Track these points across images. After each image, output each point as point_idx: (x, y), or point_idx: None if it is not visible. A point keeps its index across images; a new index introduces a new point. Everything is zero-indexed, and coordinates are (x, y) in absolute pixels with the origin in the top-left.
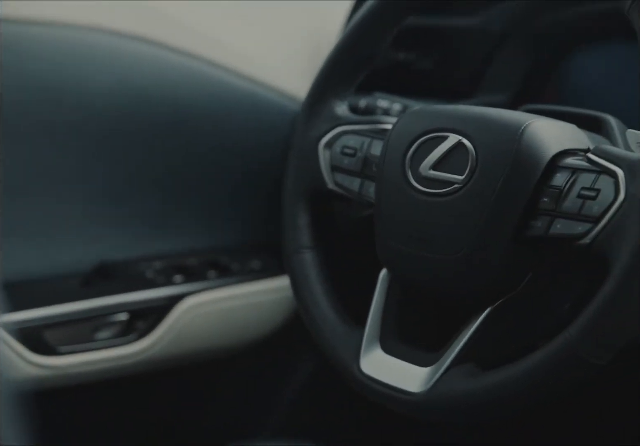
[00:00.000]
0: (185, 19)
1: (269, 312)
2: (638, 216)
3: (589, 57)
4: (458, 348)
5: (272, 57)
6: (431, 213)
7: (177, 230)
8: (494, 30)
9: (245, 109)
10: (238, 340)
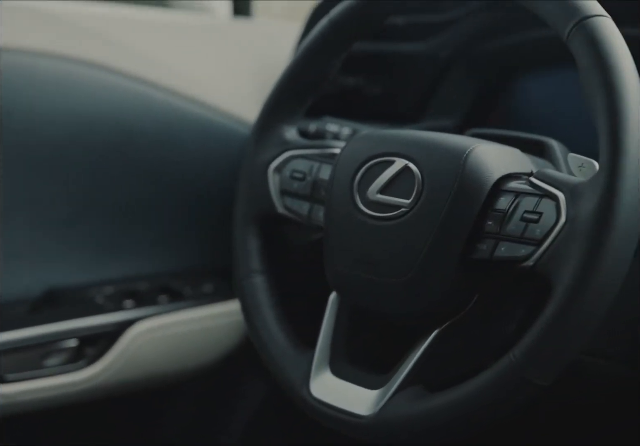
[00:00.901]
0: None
1: (221, 337)
2: (578, 239)
3: (534, 82)
4: (406, 371)
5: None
6: (378, 237)
7: (128, 255)
8: (440, 55)
9: (195, 134)
10: (190, 365)
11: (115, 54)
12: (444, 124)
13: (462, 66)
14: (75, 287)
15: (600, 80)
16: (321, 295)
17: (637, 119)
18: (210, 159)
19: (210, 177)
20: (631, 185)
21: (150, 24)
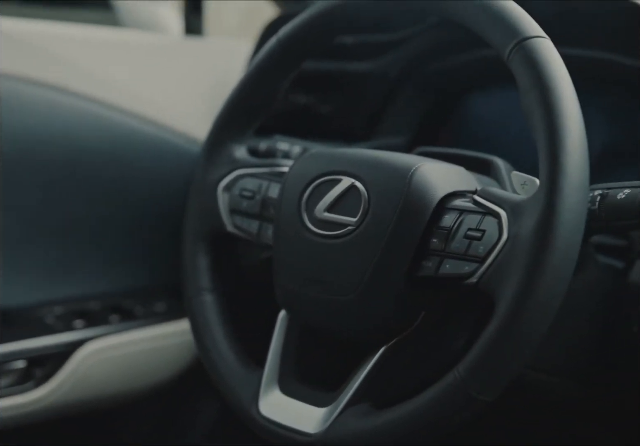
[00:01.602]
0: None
1: (174, 356)
2: (519, 256)
3: (482, 101)
4: (354, 388)
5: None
6: (326, 255)
7: (79, 274)
8: (389, 74)
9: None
10: (142, 385)
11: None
12: (394, 142)
13: (411, 85)
14: (25, 307)
15: (539, 100)
16: (271, 313)
17: (576, 138)
18: (162, 178)
19: (161, 195)
20: (570, 203)
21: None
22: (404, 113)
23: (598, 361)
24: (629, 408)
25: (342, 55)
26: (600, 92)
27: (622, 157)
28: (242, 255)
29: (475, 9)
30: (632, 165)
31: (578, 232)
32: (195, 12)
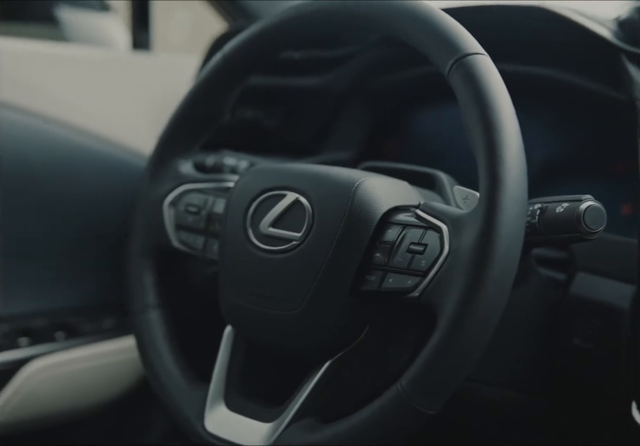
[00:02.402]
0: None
1: (121, 373)
2: (460, 270)
3: (428, 115)
4: (299, 403)
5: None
6: (271, 270)
7: (24, 291)
8: (337, 89)
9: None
10: (89, 402)
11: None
12: (341, 157)
13: (358, 100)
14: None
15: (478, 116)
16: (218, 328)
17: (514, 153)
18: (108, 194)
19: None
20: (509, 217)
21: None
22: (351, 128)
23: (540, 372)
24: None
25: (290, 70)
26: (542, 107)
27: (563, 171)
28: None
29: (417, 26)
30: (573, 178)
31: (517, 245)
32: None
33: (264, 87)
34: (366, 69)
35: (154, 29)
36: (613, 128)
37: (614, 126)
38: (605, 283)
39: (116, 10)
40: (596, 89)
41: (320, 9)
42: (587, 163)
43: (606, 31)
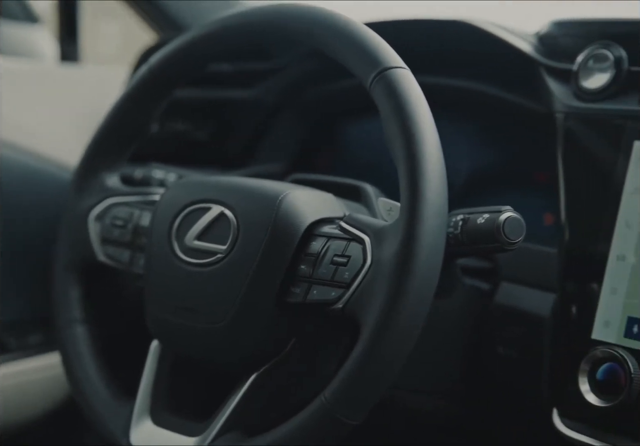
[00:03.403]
0: None
1: (49, 389)
2: (382, 281)
3: (359, 127)
4: (225, 416)
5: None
6: (196, 283)
7: None
8: (267, 101)
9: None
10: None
11: None
12: (273, 169)
13: (289, 112)
14: None
15: (399, 128)
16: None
17: (434, 166)
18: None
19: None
20: (429, 229)
21: None
22: (282, 140)
23: (466, 381)
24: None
25: (220, 82)
26: (467, 119)
27: (489, 182)
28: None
29: (339, 39)
30: (499, 189)
31: (437, 256)
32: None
33: (194, 99)
34: (296, 81)
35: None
36: (535, 139)
37: (536, 137)
38: (528, 292)
39: (44, 21)
40: (518, 101)
41: (245, 22)
42: (512, 174)
43: (526, 45)
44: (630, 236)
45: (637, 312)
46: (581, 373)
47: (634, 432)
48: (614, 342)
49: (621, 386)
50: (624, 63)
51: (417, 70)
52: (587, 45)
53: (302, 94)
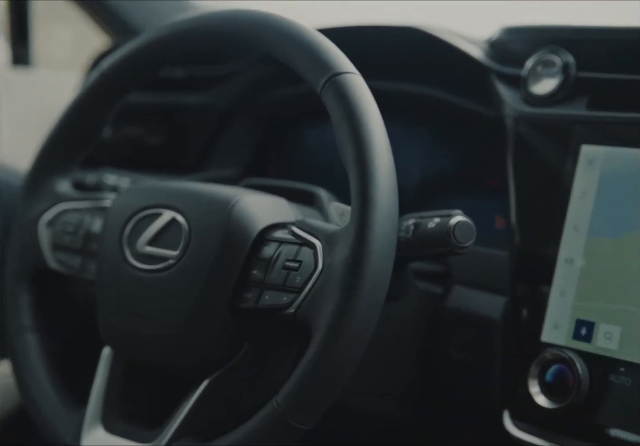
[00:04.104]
0: None
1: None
2: (333, 286)
3: (314, 132)
4: (177, 423)
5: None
6: (148, 289)
7: None
8: (221, 106)
9: None
10: None
11: None
12: (227, 174)
13: (243, 117)
14: None
15: (349, 134)
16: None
17: (384, 171)
18: None
19: None
20: (379, 234)
21: None
22: (236, 145)
23: (419, 384)
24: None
25: (174, 87)
26: (420, 124)
27: (442, 186)
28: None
29: (290, 45)
30: (452, 193)
31: (388, 260)
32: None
33: (147, 104)
34: (250, 86)
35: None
36: (487, 144)
37: (488, 142)
38: (479, 295)
39: None
40: (469, 106)
41: (197, 27)
42: (465, 178)
43: (477, 51)
44: (578, 239)
45: (585, 314)
46: (531, 376)
47: (582, 433)
48: (563, 344)
49: (570, 388)
50: (572, 68)
51: (370, 75)
52: (536, 50)
53: (256, 99)
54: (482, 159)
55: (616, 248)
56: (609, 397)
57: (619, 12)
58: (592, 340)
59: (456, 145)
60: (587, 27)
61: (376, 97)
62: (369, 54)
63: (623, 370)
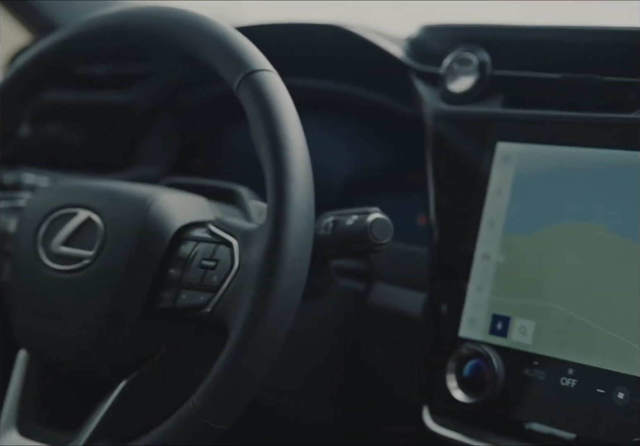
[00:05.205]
0: None
1: None
2: (248, 284)
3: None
4: (94, 425)
5: None
6: (63, 290)
7: None
8: (142, 105)
9: None
10: None
11: None
12: (150, 173)
13: (166, 115)
14: None
15: (265, 132)
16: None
17: (300, 169)
18: None
19: None
20: (295, 232)
21: None
22: (160, 144)
23: (342, 382)
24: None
25: (95, 85)
26: (343, 122)
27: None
28: None
29: (207, 43)
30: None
31: (304, 258)
32: None
33: (68, 102)
34: (172, 84)
35: None
36: (409, 142)
37: (410, 140)
38: (401, 292)
39: None
40: (391, 104)
41: (113, 24)
42: (389, 176)
43: (397, 49)
44: (494, 236)
45: (501, 310)
46: (449, 371)
47: (500, 427)
48: (480, 339)
49: (486, 383)
50: (488, 67)
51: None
52: (453, 49)
53: (179, 97)
54: (405, 157)
55: (531, 244)
56: (524, 391)
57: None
58: (508, 335)
59: (380, 144)
60: (502, 26)
61: (298, 95)
62: (290, 52)
63: (537, 364)
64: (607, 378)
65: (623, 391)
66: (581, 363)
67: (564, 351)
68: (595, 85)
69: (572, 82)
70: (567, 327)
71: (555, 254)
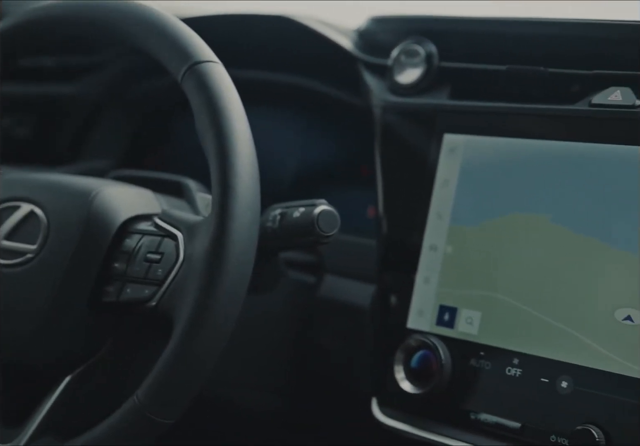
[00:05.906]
0: None
1: None
2: (193, 277)
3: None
4: (37, 421)
5: None
6: (4, 285)
7: None
8: (91, 97)
9: None
10: None
11: None
12: (100, 166)
13: (115, 108)
14: None
15: (209, 123)
16: None
17: (245, 161)
18: None
19: None
20: (240, 224)
21: None
22: (109, 137)
23: (294, 375)
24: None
25: (42, 77)
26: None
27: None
28: None
29: (151, 34)
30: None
31: (249, 251)
32: None
33: (15, 94)
34: (120, 76)
35: None
36: (359, 134)
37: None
38: (350, 284)
39: None
40: (340, 96)
41: (53, 15)
42: (339, 168)
43: (346, 41)
44: (441, 227)
45: (448, 301)
46: (397, 362)
47: (448, 417)
48: (427, 330)
49: (433, 373)
50: (435, 58)
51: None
52: (401, 40)
53: (127, 90)
54: (355, 149)
55: (477, 235)
56: (470, 381)
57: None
58: (455, 326)
59: (330, 135)
60: (449, 18)
61: (246, 87)
62: (238, 44)
63: (483, 354)
64: (551, 368)
65: (566, 380)
66: (526, 353)
67: (509, 342)
68: (540, 77)
69: (518, 74)
70: (513, 317)
71: (501, 245)
